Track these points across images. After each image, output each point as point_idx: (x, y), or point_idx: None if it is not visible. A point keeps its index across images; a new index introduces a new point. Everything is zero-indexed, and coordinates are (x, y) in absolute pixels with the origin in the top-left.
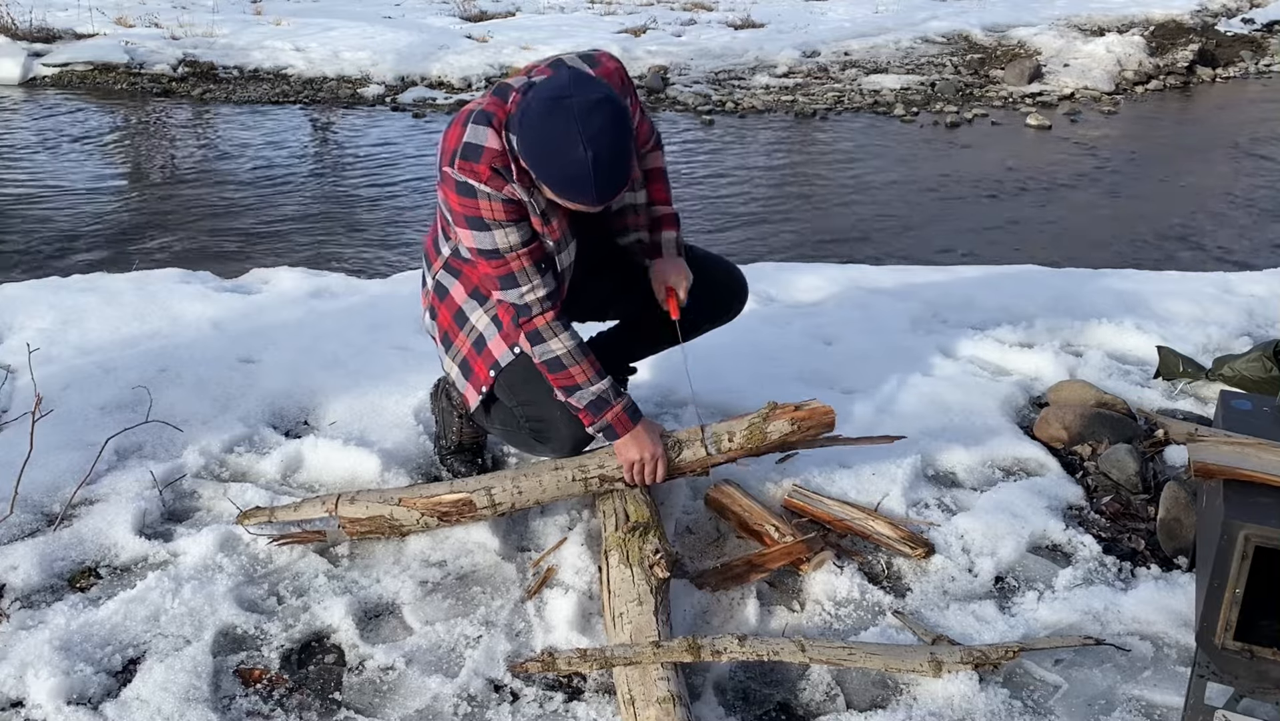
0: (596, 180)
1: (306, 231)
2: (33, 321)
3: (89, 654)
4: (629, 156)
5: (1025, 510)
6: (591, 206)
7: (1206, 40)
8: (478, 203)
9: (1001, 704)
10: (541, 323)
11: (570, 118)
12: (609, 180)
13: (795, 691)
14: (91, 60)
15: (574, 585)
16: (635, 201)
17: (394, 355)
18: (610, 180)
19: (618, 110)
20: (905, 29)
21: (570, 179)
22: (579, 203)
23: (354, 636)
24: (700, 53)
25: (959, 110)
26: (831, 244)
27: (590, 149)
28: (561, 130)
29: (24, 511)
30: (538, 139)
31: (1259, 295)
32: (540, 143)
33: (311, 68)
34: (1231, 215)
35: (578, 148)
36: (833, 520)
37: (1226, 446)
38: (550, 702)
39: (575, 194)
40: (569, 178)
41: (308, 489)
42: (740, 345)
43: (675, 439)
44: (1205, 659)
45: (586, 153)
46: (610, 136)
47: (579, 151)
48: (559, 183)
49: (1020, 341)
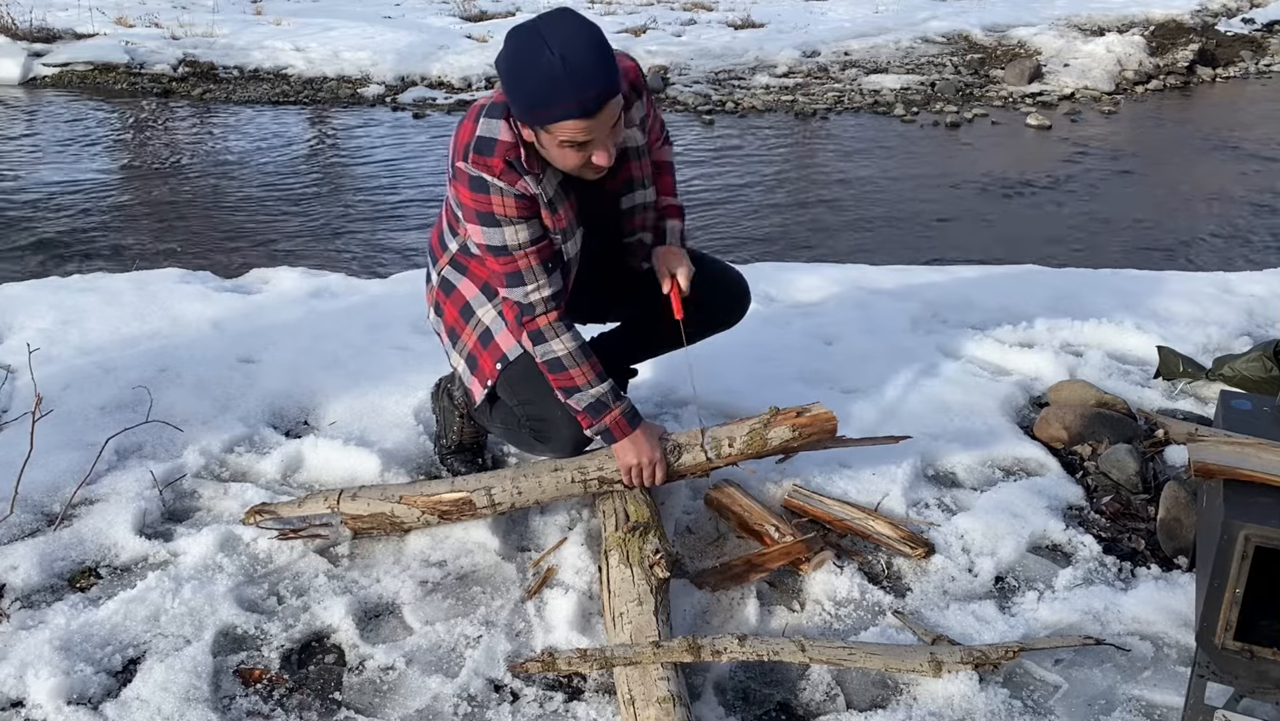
0: (571, 79)
1: (306, 231)
2: (33, 321)
3: (89, 654)
4: (606, 58)
5: (1025, 510)
6: (579, 117)
7: (1206, 40)
8: (490, 198)
9: (1001, 704)
10: (544, 322)
11: (534, 32)
12: (586, 79)
13: (795, 691)
14: (91, 60)
15: (574, 585)
16: (646, 200)
17: (394, 355)
18: (588, 80)
19: (582, 19)
20: (905, 29)
21: (544, 84)
22: (564, 114)
23: (354, 636)
24: (700, 53)
25: (959, 110)
26: (831, 244)
27: (557, 51)
28: (526, 43)
29: (24, 511)
30: (508, 63)
31: (1259, 295)
32: (511, 65)
33: (311, 68)
34: (1232, 215)
35: (543, 52)
36: (833, 520)
37: (1226, 446)
38: (550, 702)
39: (555, 102)
40: (542, 83)
41: (308, 489)
42: (740, 345)
43: (675, 442)
44: (1205, 659)
45: (554, 55)
46: (579, 38)
47: (545, 55)
48: (536, 96)
49: (1020, 341)
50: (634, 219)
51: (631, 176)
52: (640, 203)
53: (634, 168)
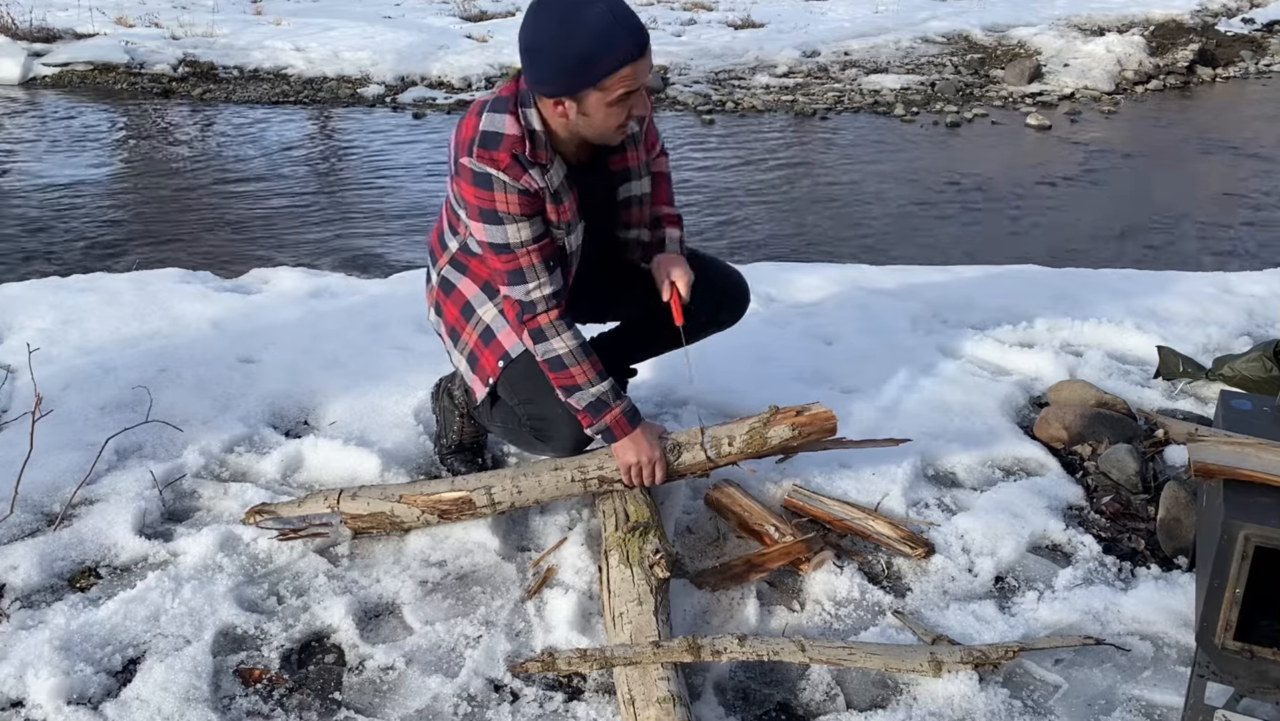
0: (624, 24)
1: (306, 231)
2: (33, 321)
3: (89, 654)
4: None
5: (1025, 510)
6: (635, 59)
7: (1206, 40)
8: (493, 194)
9: (1001, 704)
10: (545, 320)
11: None
12: (634, 21)
13: (795, 691)
14: (91, 60)
15: (574, 585)
16: (642, 192)
17: (394, 355)
18: (635, 21)
19: None
20: (905, 29)
21: (602, 34)
22: (625, 58)
23: (354, 636)
24: (700, 52)
25: (959, 110)
26: (831, 243)
27: (601, 3)
28: (567, 6)
29: (24, 511)
30: (553, 30)
31: (1259, 295)
32: (558, 30)
33: (311, 68)
34: (1232, 215)
35: (591, 6)
36: (833, 520)
37: (1226, 446)
38: (550, 702)
39: (615, 47)
40: (600, 33)
41: (308, 489)
42: (740, 345)
43: (674, 441)
44: (1205, 659)
45: (602, 5)
46: None
47: (594, 8)
48: (595, 48)
49: (1020, 341)
50: (630, 211)
51: (629, 165)
52: (636, 194)
53: (630, 157)
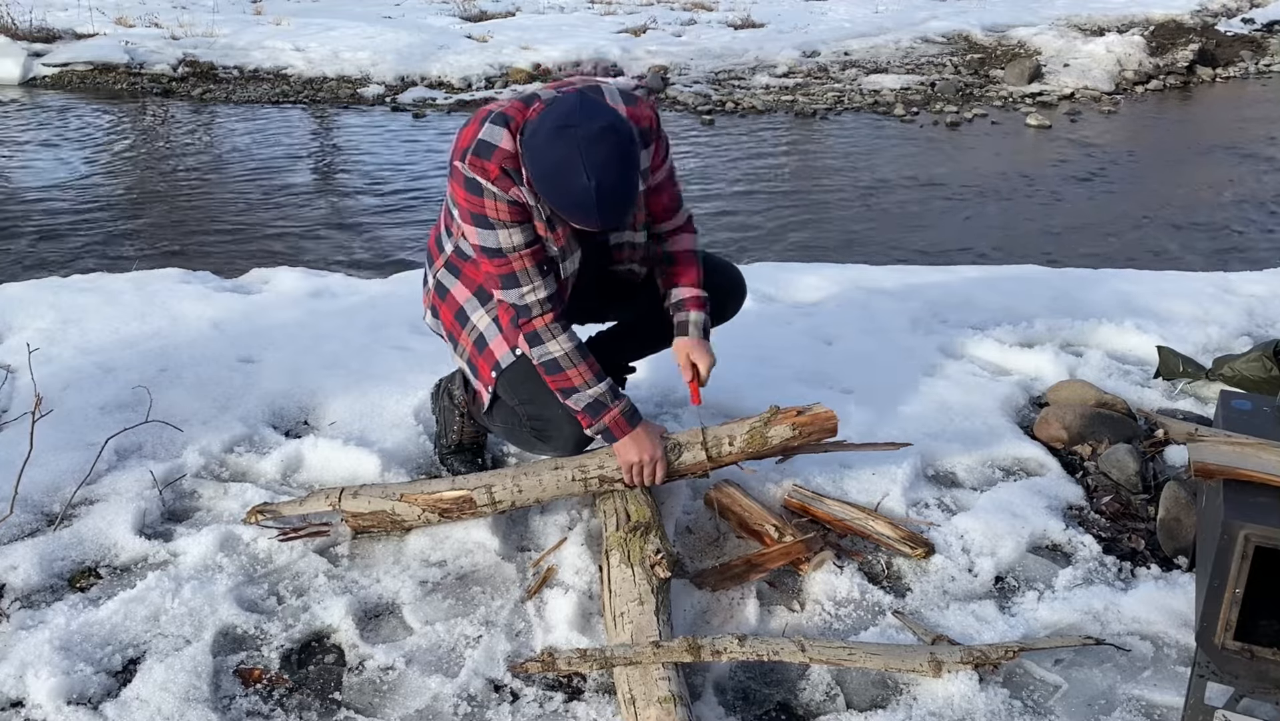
0: (600, 207)
1: (306, 231)
2: (33, 321)
3: (89, 654)
4: (633, 184)
5: (1025, 510)
6: (594, 229)
7: (1206, 40)
8: (484, 201)
9: (1001, 704)
10: (540, 324)
11: (574, 145)
12: (612, 207)
13: (795, 691)
14: (91, 60)
15: (574, 585)
16: (634, 240)
17: (394, 355)
18: (614, 207)
19: (622, 139)
20: (905, 29)
21: (575, 204)
22: (582, 225)
23: (354, 636)
24: (700, 53)
25: (959, 110)
26: (831, 243)
27: (593, 177)
28: (565, 158)
29: (24, 511)
30: (544, 164)
31: (1259, 295)
32: (546, 168)
33: (311, 68)
34: (1232, 215)
35: (581, 176)
36: (833, 520)
37: (1226, 446)
38: (550, 702)
39: (579, 218)
40: (574, 203)
41: (308, 489)
42: (740, 345)
43: (675, 441)
44: (1205, 659)
45: (590, 181)
46: (615, 167)
47: (583, 180)
48: (564, 207)
49: (1020, 341)
50: (621, 252)
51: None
52: (627, 241)
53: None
